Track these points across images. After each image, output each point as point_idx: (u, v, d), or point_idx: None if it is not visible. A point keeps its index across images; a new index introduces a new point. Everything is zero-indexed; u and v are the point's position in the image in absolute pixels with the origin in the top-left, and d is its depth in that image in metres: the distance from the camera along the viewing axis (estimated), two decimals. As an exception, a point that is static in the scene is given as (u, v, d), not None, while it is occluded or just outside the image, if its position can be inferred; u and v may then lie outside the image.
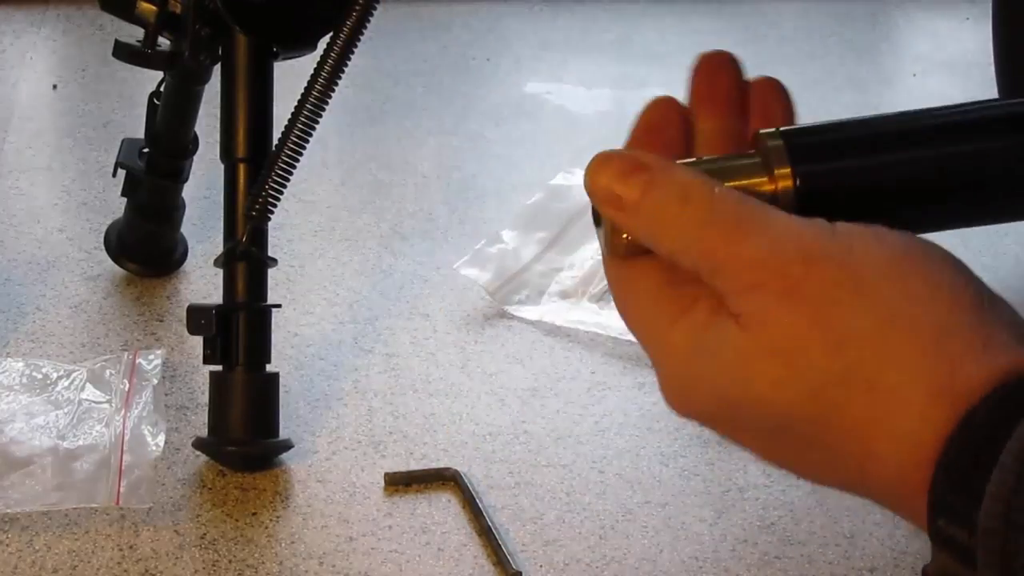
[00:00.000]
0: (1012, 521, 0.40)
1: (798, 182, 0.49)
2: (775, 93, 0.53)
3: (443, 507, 1.16)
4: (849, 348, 0.45)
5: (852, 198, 0.50)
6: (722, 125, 0.52)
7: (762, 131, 0.50)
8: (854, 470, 0.46)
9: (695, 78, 0.52)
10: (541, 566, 1.10)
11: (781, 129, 0.50)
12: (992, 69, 1.54)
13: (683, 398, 0.49)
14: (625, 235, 0.50)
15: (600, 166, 0.49)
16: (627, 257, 0.50)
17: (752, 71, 0.52)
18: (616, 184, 0.48)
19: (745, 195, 0.48)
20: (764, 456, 0.50)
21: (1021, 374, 0.44)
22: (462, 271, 1.46)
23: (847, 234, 0.46)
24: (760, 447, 0.49)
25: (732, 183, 0.49)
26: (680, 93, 0.53)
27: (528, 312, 1.43)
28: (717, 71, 0.52)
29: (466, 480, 1.18)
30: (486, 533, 1.12)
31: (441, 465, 1.21)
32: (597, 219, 0.51)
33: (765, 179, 0.50)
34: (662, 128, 0.51)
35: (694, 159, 0.51)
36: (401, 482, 1.18)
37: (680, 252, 0.48)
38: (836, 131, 0.51)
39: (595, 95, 1.91)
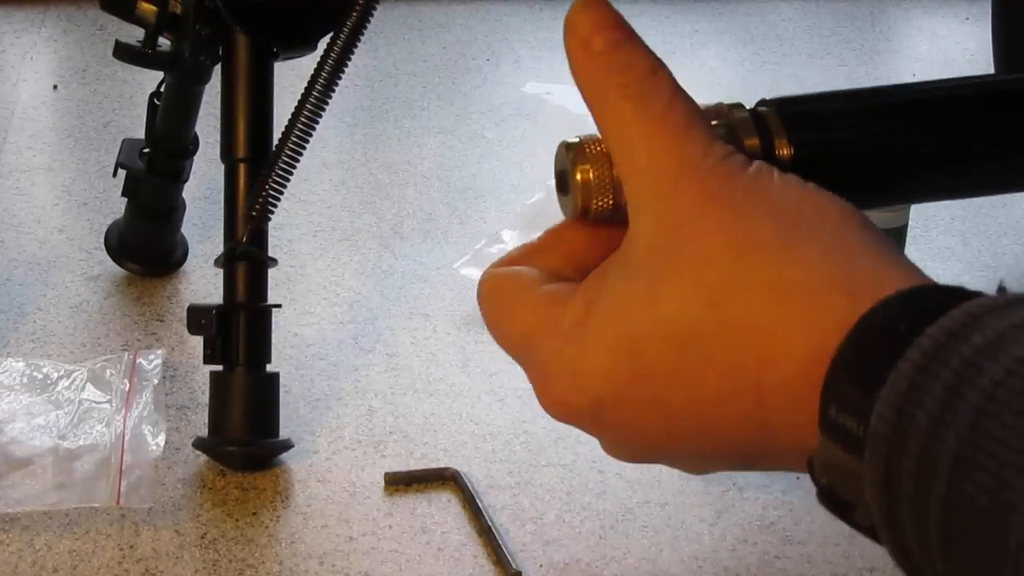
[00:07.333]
0: (900, 428, 0.41)
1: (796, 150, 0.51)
2: None
3: (443, 507, 1.16)
4: (751, 252, 0.46)
5: (840, 170, 0.51)
6: None
7: (727, 103, 0.52)
8: (751, 395, 0.46)
9: None
10: (541, 566, 1.10)
11: (766, 101, 0.52)
12: (992, 69, 1.54)
13: (573, 383, 0.50)
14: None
15: (586, 7, 0.53)
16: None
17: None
18: (589, 30, 0.53)
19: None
20: (654, 437, 0.50)
21: (917, 283, 0.45)
22: (462, 271, 1.46)
23: (759, 166, 0.49)
24: (651, 421, 0.49)
25: None
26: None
27: (528, 312, 1.43)
28: None
29: (466, 480, 1.18)
30: (486, 533, 1.13)
31: (441, 465, 1.21)
32: (563, 186, 0.52)
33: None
34: None
35: None
36: (401, 482, 1.19)
37: (616, 119, 0.52)
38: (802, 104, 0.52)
39: (595, 95, 1.91)
